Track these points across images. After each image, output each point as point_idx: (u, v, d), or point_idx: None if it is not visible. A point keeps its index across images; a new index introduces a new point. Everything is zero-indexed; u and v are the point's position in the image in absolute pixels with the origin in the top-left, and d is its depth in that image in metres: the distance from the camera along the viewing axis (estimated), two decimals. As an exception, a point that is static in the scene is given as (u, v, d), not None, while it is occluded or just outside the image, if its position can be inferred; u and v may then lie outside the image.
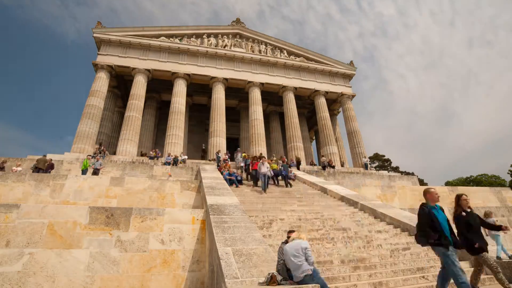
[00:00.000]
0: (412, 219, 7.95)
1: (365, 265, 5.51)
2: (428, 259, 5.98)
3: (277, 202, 10.05)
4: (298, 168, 19.34)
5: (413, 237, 7.22)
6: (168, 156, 18.24)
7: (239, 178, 12.72)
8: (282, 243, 4.37)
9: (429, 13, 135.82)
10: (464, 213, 4.42)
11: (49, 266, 5.24)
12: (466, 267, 5.71)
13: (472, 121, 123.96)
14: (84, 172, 12.90)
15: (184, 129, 22.19)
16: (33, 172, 12.03)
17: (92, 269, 5.38)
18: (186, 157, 19.14)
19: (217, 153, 19.18)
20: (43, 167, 12.54)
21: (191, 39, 25.35)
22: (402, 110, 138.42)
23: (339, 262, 5.60)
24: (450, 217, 4.28)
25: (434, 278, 5.16)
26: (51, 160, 13.56)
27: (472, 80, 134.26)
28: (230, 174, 12.63)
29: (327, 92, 26.81)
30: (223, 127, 22.16)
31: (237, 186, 12.02)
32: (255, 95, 24.45)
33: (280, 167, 13.54)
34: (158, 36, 24.25)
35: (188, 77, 23.68)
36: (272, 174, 12.67)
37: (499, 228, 4.59)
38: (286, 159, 20.31)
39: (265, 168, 11.72)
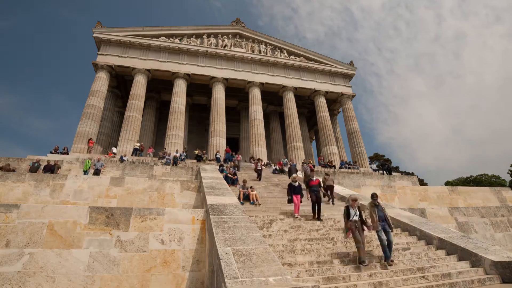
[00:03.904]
0: (412, 219, 7.96)
1: (365, 265, 5.50)
2: (428, 259, 5.97)
3: (277, 202, 10.05)
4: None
5: (413, 237, 7.25)
6: (168, 156, 18.21)
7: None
8: None
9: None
10: None
11: (49, 266, 5.24)
12: (466, 267, 5.72)
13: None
14: (85, 172, 12.86)
15: (184, 129, 22.20)
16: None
17: (92, 269, 5.38)
18: (178, 154, 18.72)
19: (217, 153, 19.17)
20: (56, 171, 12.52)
21: (191, 39, 25.35)
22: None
23: (339, 262, 5.60)
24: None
25: (435, 278, 5.16)
26: (56, 161, 13.62)
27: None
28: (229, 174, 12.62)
29: (327, 92, 26.81)
30: (223, 127, 22.16)
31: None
32: (255, 95, 24.44)
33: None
34: (158, 36, 24.24)
35: (188, 77, 23.67)
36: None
37: None
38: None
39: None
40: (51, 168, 12.43)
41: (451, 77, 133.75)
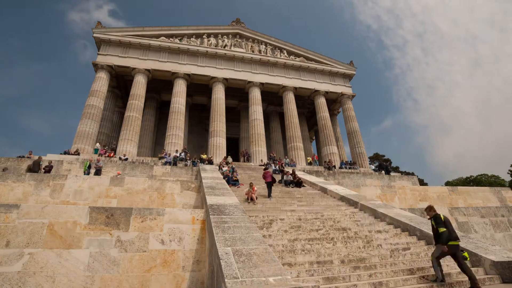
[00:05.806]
0: (412, 219, 7.95)
1: (365, 265, 5.50)
2: (428, 259, 5.96)
3: (277, 202, 10.05)
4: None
5: (413, 237, 7.25)
6: (168, 156, 18.21)
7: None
8: None
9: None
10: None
11: (49, 266, 5.24)
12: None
13: None
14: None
15: (184, 129, 22.19)
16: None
17: (92, 269, 5.38)
18: (177, 154, 18.77)
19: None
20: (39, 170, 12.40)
21: (191, 39, 25.35)
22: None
23: (339, 262, 5.60)
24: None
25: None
26: (51, 162, 13.58)
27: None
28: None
29: (327, 92, 26.81)
30: (223, 127, 22.16)
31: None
32: (255, 95, 24.44)
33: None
34: (158, 36, 24.24)
35: (188, 77, 23.67)
36: None
37: None
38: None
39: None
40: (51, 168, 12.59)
41: (487, 63, 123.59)
